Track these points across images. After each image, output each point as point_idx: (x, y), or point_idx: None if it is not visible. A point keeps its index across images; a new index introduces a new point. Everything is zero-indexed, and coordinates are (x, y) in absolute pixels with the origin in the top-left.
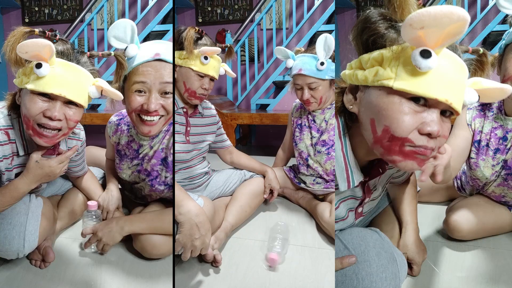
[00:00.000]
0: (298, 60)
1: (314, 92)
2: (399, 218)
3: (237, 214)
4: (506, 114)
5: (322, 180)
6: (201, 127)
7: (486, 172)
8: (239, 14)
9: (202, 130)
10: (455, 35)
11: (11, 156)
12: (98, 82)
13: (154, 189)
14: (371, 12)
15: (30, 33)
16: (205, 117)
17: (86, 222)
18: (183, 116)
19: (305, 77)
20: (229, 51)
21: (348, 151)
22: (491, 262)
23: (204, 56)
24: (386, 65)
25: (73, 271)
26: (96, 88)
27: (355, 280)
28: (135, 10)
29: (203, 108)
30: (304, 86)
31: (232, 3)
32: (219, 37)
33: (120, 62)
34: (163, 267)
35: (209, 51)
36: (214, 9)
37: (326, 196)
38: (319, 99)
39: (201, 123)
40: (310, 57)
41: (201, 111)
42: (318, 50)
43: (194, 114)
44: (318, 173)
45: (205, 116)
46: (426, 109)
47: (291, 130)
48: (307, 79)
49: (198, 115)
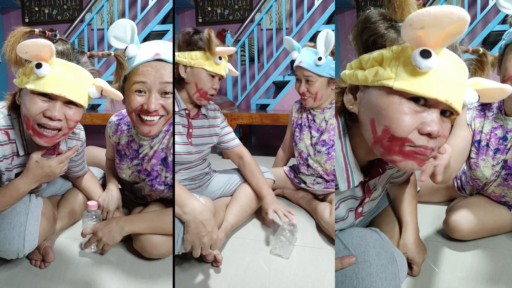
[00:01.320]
0: (301, 52)
1: (310, 87)
2: (399, 218)
3: (237, 214)
4: (506, 114)
5: (322, 180)
6: (204, 128)
7: (486, 172)
8: (239, 14)
9: (206, 132)
10: (455, 35)
11: (11, 156)
12: (98, 82)
13: (154, 189)
14: (371, 12)
15: (30, 33)
16: (210, 118)
17: (86, 222)
18: (185, 118)
19: (303, 69)
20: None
21: (348, 151)
22: (491, 262)
23: (219, 56)
24: (386, 65)
25: (73, 271)
26: (96, 88)
27: (355, 280)
28: (135, 10)
29: (208, 109)
30: (302, 78)
31: (232, 3)
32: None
33: (120, 62)
34: (163, 267)
35: (226, 51)
36: (214, 9)
37: (326, 196)
38: (314, 94)
39: (205, 124)
40: (311, 51)
41: (204, 112)
42: (318, 44)
43: (197, 115)
44: (318, 173)
45: (210, 117)
46: (426, 109)
47: (291, 130)
48: (304, 72)
49: (202, 116)
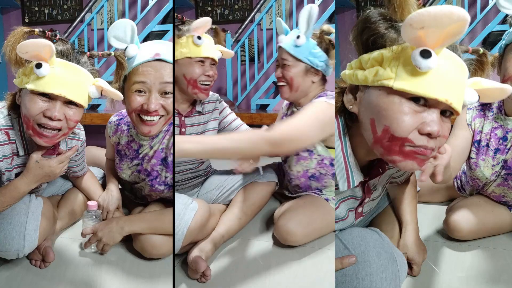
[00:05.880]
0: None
1: (285, 71)
2: (399, 218)
3: (229, 223)
4: (506, 114)
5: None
6: (199, 125)
7: (486, 172)
8: (239, 14)
9: (202, 129)
10: (455, 35)
11: (11, 156)
12: (98, 82)
13: (154, 189)
14: (371, 12)
15: (30, 33)
16: (206, 113)
17: (86, 222)
18: (177, 117)
19: (282, 51)
20: (216, 32)
21: (348, 151)
22: (491, 262)
23: (197, 36)
24: (386, 65)
25: (73, 271)
26: (96, 88)
27: (355, 280)
28: (135, 10)
29: (204, 104)
30: (280, 61)
31: (232, 3)
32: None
33: (120, 62)
34: (163, 267)
35: (199, 24)
36: (214, 9)
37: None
38: (289, 80)
39: (200, 121)
40: (293, 32)
41: (199, 109)
42: (300, 21)
43: (191, 113)
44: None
45: (206, 112)
46: (426, 109)
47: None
48: (283, 54)
49: (196, 113)
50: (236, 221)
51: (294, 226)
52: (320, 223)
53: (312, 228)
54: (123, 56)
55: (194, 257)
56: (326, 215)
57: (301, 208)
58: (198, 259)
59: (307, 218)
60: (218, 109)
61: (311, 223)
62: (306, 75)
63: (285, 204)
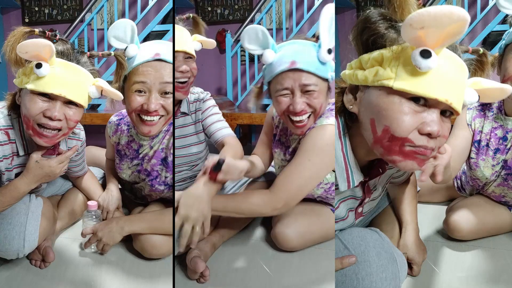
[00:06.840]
0: (283, 50)
1: (310, 98)
2: (399, 218)
3: (227, 224)
4: (506, 114)
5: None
6: (187, 127)
7: (486, 172)
8: (239, 14)
9: (191, 130)
10: (455, 35)
11: (11, 156)
12: (98, 82)
13: (154, 189)
14: (371, 12)
15: (30, 33)
16: (192, 113)
17: (86, 222)
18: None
19: (300, 73)
20: (195, 22)
21: (348, 151)
22: (491, 262)
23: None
24: (386, 65)
25: (73, 271)
26: (96, 88)
27: (355, 280)
28: (135, 10)
29: (189, 103)
30: (296, 89)
31: (232, 3)
32: (219, 37)
33: (120, 62)
34: (163, 267)
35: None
36: (214, 9)
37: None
38: (318, 108)
39: (187, 122)
40: (307, 45)
41: (184, 110)
42: (322, 30)
43: (175, 115)
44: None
45: (191, 113)
46: (426, 109)
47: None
48: (302, 77)
49: (180, 114)
50: (235, 222)
51: (291, 234)
52: (319, 232)
53: (310, 237)
54: (123, 56)
55: (193, 258)
56: (325, 223)
57: (301, 215)
58: (197, 260)
59: (305, 227)
60: (201, 109)
61: (309, 232)
62: (328, 92)
63: None
